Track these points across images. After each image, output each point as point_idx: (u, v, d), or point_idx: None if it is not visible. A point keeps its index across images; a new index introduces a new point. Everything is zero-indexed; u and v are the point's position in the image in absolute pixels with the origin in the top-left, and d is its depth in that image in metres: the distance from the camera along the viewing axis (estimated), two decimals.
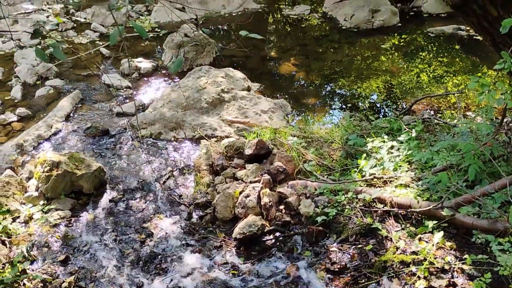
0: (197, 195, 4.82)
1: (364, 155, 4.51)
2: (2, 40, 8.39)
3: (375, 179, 4.17)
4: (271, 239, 4.02)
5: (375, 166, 4.36)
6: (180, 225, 4.43)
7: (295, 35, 9.44)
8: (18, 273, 3.51)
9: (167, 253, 4.06)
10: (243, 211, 4.25)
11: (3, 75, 7.51)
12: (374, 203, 3.88)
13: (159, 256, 4.03)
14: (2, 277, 3.31)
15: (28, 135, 5.84)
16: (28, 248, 3.80)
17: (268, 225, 4.12)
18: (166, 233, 4.33)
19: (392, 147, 4.54)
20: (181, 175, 5.26)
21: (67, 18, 9.20)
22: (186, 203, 4.77)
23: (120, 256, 4.05)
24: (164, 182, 5.13)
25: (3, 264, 3.68)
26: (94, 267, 3.94)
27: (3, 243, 3.99)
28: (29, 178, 5.02)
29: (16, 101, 6.82)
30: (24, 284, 3.55)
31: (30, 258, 3.89)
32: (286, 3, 11.07)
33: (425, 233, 3.45)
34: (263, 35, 8.70)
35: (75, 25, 9.33)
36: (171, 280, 3.74)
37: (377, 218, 3.78)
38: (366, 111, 6.62)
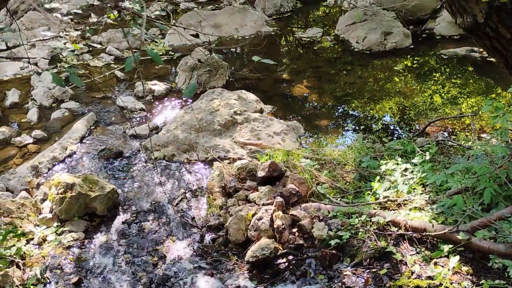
0: (210, 217, 4.81)
1: (378, 177, 4.49)
2: (20, 65, 8.56)
3: (389, 202, 4.14)
4: (284, 263, 3.98)
5: (389, 188, 4.33)
6: (193, 248, 4.42)
7: (308, 58, 9.49)
8: None
9: (180, 276, 4.04)
10: (256, 233, 4.23)
11: (20, 98, 7.64)
12: (388, 226, 3.84)
13: (172, 279, 4.01)
14: None
15: (43, 157, 5.91)
16: (42, 271, 3.81)
17: (281, 248, 4.09)
18: (179, 255, 4.32)
19: (406, 169, 4.51)
20: (194, 197, 5.27)
21: (83, 44, 9.37)
22: (198, 225, 4.76)
23: (132, 279, 4.04)
24: (177, 204, 5.14)
25: (17, 286, 3.69)
26: None
27: (17, 265, 4.00)
28: (43, 200, 5.06)
29: (32, 123, 6.92)
30: None
31: (44, 281, 3.89)
32: (299, 26, 11.17)
33: (440, 257, 3.39)
34: (275, 58, 8.77)
35: (90, 48, 9.50)
36: None
37: (391, 241, 3.73)
38: (379, 132, 6.60)
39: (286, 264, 3.97)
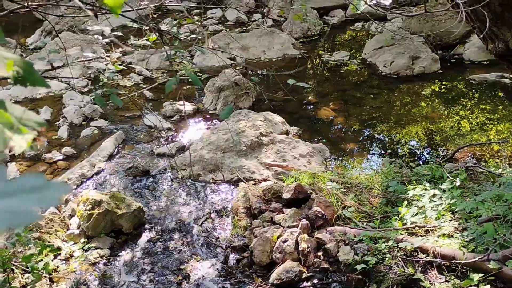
0: (234, 238, 4.81)
1: (405, 202, 4.43)
2: (53, 83, 8.79)
3: (416, 228, 4.08)
4: (309, 286, 3.94)
5: (417, 214, 4.27)
6: (217, 268, 4.41)
7: (334, 81, 9.51)
8: None
9: None
10: (281, 256, 4.20)
11: (52, 115, 7.83)
12: (416, 253, 3.78)
13: None
14: None
15: (72, 173, 6.02)
16: (73, 285, 3.84)
17: (306, 271, 4.05)
18: (203, 275, 4.32)
19: (434, 195, 4.45)
20: (219, 217, 5.28)
21: (123, 65, 9.59)
22: (223, 246, 4.76)
23: None
24: (202, 224, 5.16)
25: None
26: None
27: (49, 280, 4.06)
28: (71, 216, 5.14)
29: (62, 140, 7.07)
30: None
31: None
32: (326, 49, 11.23)
33: (470, 286, 3.32)
34: (302, 80, 8.80)
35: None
36: None
37: (419, 268, 3.67)
38: (406, 157, 6.53)
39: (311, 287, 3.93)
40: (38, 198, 0.46)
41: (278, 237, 4.37)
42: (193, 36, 9.54)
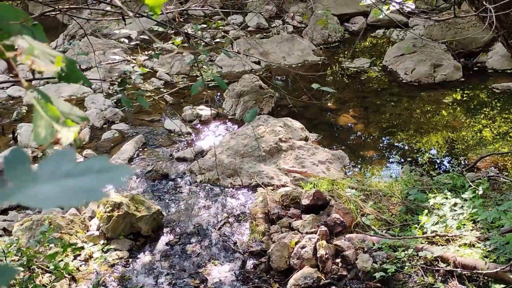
0: (252, 243, 4.81)
1: (426, 211, 4.38)
2: (76, 86, 8.93)
3: (437, 237, 4.03)
4: None
5: (437, 223, 4.22)
6: (234, 273, 4.42)
7: (354, 87, 9.47)
8: None
9: None
10: (299, 262, 4.19)
11: None
12: (436, 262, 3.73)
13: None
14: None
15: None
16: (94, 285, 3.89)
17: (323, 278, 4.03)
18: (220, 280, 4.32)
19: (455, 204, 4.39)
20: (237, 222, 5.29)
21: (149, 68, 9.70)
22: (240, 250, 4.76)
23: None
24: (220, 228, 5.17)
25: None
26: None
27: (69, 280, 4.11)
28: (91, 218, 5.20)
29: (84, 143, 7.16)
30: None
31: None
32: (346, 56, 11.20)
33: None
34: (322, 86, 8.79)
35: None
36: None
37: (439, 278, 3.62)
38: (426, 166, 6.46)
39: None
40: (104, 179, 0.49)
41: (296, 243, 4.35)
42: (216, 41, 9.60)
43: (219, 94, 9.21)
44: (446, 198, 4.51)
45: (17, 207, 5.52)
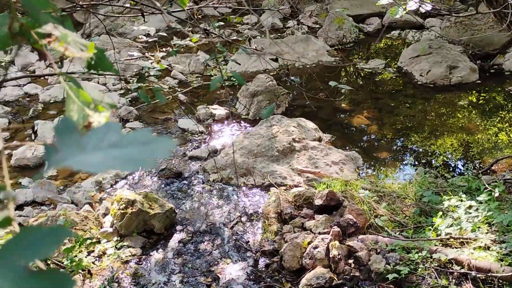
0: (264, 242, 4.81)
1: (440, 213, 4.35)
2: (92, 84, 9.01)
3: (451, 239, 3.99)
4: None
5: (452, 225, 4.18)
6: (246, 272, 4.42)
7: (368, 88, 9.42)
8: None
9: None
10: (311, 262, 4.18)
11: None
12: (450, 264, 3.69)
13: None
14: None
15: (107, 173, 6.13)
16: (110, 279, 3.91)
17: (336, 278, 4.01)
18: (232, 278, 4.33)
19: (470, 206, 4.34)
20: (249, 221, 5.29)
21: (167, 65, 9.76)
22: (253, 249, 4.76)
23: None
24: (232, 227, 5.18)
25: None
26: None
27: (82, 276, 4.15)
28: (105, 214, 5.24)
29: None
30: None
31: None
32: (361, 57, 11.15)
33: None
34: (333, 90, 8.75)
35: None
36: None
37: (453, 280, 3.59)
38: (440, 168, 6.41)
39: None
40: (148, 150, 0.51)
41: (308, 243, 4.35)
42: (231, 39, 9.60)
43: (232, 94, 9.23)
44: (461, 200, 4.47)
45: (33, 202, 5.58)
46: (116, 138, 0.53)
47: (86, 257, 4.49)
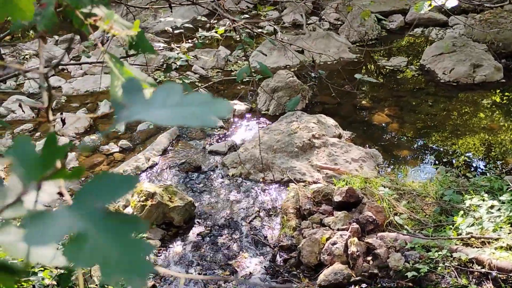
0: (283, 237, 4.81)
1: (461, 212, 4.29)
2: None
3: (472, 239, 3.94)
4: None
5: (473, 225, 4.13)
6: (264, 266, 4.43)
7: (390, 86, 9.34)
8: None
9: None
10: (329, 258, 4.17)
11: (111, 109, 8.10)
12: (471, 264, 3.65)
13: None
14: None
15: (128, 165, 6.20)
16: None
17: (354, 275, 4.00)
18: (250, 272, 4.35)
19: (492, 206, 4.28)
20: (267, 216, 5.30)
21: (193, 56, 9.81)
22: (271, 244, 4.77)
23: None
24: (251, 221, 5.19)
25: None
26: None
27: None
28: (125, 206, 5.30)
29: (119, 133, 7.30)
30: None
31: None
32: (382, 54, 11.05)
33: None
34: (355, 86, 8.70)
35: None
36: None
37: (474, 280, 3.55)
38: (462, 168, 6.32)
39: None
40: (210, 109, 0.54)
41: (327, 239, 4.34)
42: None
43: (252, 89, 9.23)
44: (483, 200, 4.41)
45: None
46: (178, 99, 0.57)
47: None
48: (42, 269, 2.88)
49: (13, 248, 0.54)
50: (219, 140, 7.12)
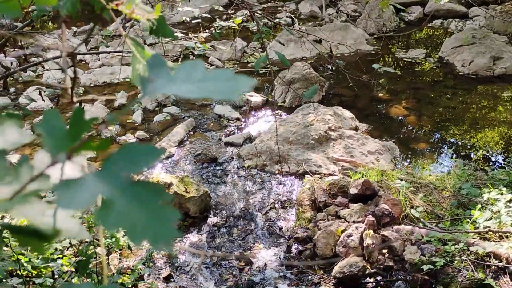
0: (298, 229, 4.81)
1: (479, 206, 4.25)
2: (130, 69, 9.16)
3: (490, 232, 3.90)
4: (371, 283, 3.88)
5: (491, 218, 4.08)
6: (279, 257, 4.44)
7: (407, 79, 9.25)
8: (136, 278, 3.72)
9: (265, 283, 4.08)
10: (344, 250, 4.16)
11: (127, 100, 8.16)
12: (488, 258, 3.62)
13: (257, 285, 4.06)
14: (123, 281, 3.53)
15: None
16: (148, 255, 4.01)
17: (369, 267, 3.99)
18: (265, 263, 4.36)
19: (510, 200, 4.23)
20: (283, 208, 5.30)
21: (210, 46, 9.83)
22: (286, 236, 4.78)
23: (219, 280, 4.14)
24: (266, 213, 5.20)
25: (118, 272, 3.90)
26: None
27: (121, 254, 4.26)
28: None
29: (136, 124, 7.35)
30: None
31: (148, 265, 4.08)
32: (400, 46, 10.92)
33: None
34: (374, 77, 8.63)
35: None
36: None
37: (490, 274, 3.51)
38: (480, 162, 6.25)
39: (374, 284, 3.87)
40: (233, 84, 0.56)
41: (342, 231, 4.33)
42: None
43: (268, 81, 9.22)
44: (501, 193, 4.36)
45: None
46: (201, 75, 0.59)
47: (122, 237, 4.60)
48: (61, 256, 2.93)
49: (38, 222, 0.55)
50: (235, 132, 7.13)
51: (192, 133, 7.11)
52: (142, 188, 0.50)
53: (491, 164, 6.31)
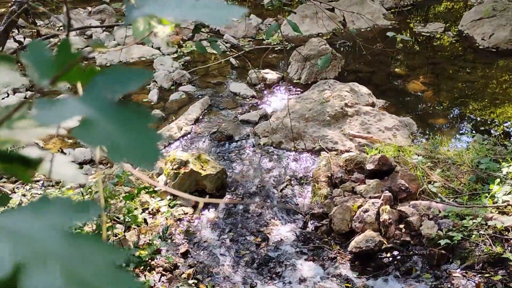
0: (314, 205, 4.82)
1: (498, 180, 4.19)
2: (145, 48, 9.16)
3: (508, 207, 3.86)
4: (388, 257, 3.88)
5: (510, 193, 4.03)
6: (295, 233, 4.46)
7: (426, 53, 9.09)
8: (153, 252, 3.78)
9: (281, 259, 4.10)
10: (361, 225, 4.16)
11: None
12: (506, 232, 3.58)
13: (273, 260, 4.08)
14: (140, 254, 3.59)
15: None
16: (164, 230, 4.05)
17: (386, 242, 3.99)
18: (281, 239, 4.39)
19: None
20: (299, 185, 5.30)
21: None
22: (302, 212, 4.79)
23: (236, 256, 4.18)
24: (282, 190, 5.21)
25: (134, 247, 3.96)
26: (211, 263, 4.11)
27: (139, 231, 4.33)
28: (159, 174, 5.39)
29: (152, 103, 7.38)
30: (156, 265, 3.81)
31: (165, 239, 4.13)
32: (418, 20, 10.71)
33: None
34: (391, 52, 8.49)
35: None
36: (284, 284, 3.77)
37: (509, 248, 3.48)
38: (499, 137, 6.14)
39: (391, 259, 3.87)
40: (224, 11, 0.57)
41: (358, 207, 4.32)
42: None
43: (283, 58, 9.14)
44: None
45: (91, 161, 5.82)
46: (192, 1, 0.58)
47: (141, 214, 4.66)
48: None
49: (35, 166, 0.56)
50: (251, 110, 7.11)
51: (207, 111, 7.12)
52: (127, 109, 0.49)
53: (511, 139, 6.21)
